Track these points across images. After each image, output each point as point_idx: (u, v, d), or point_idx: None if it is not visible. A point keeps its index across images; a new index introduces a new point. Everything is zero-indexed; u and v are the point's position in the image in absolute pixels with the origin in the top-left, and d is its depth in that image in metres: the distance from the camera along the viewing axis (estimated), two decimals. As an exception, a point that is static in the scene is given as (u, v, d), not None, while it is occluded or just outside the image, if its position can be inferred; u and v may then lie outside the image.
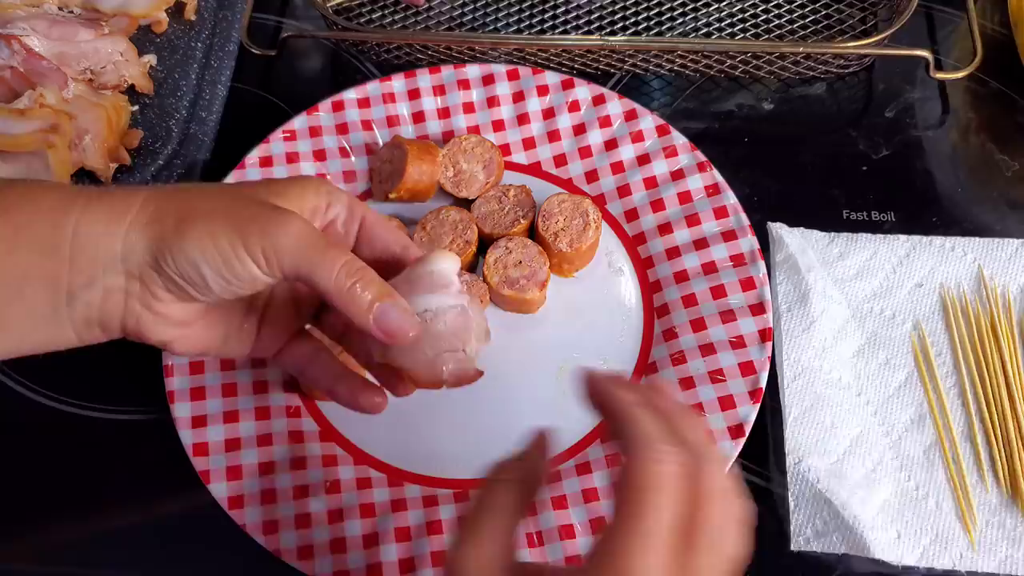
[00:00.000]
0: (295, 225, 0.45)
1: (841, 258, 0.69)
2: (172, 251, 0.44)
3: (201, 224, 0.44)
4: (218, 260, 0.44)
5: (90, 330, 0.47)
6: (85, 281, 0.46)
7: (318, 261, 0.45)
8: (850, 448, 0.62)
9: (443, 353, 0.50)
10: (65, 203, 0.45)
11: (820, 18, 0.81)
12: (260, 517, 0.60)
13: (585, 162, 0.73)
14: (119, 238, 0.45)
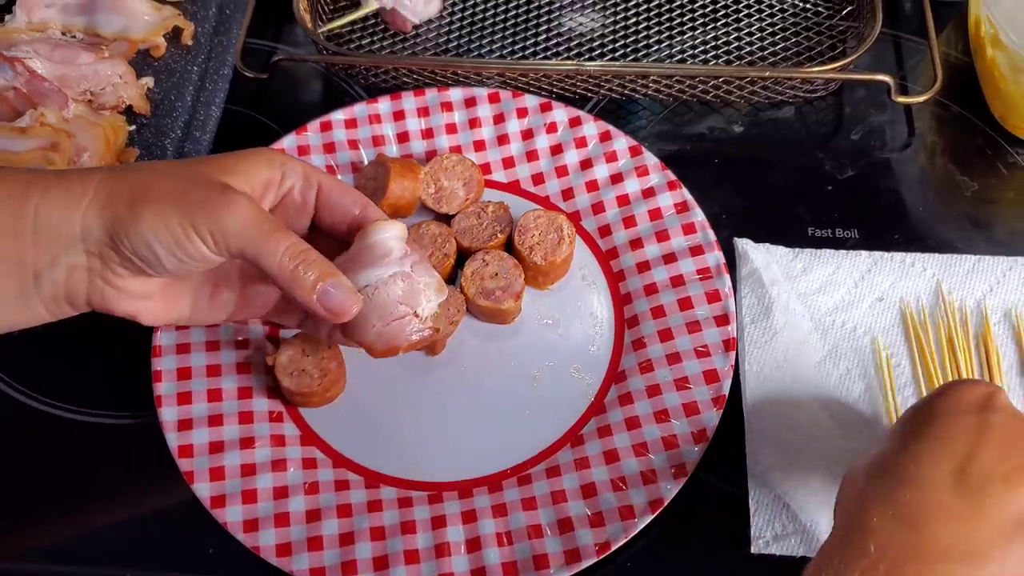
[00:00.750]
0: (241, 209, 0.48)
1: (804, 273, 0.72)
2: (127, 232, 0.47)
3: (153, 207, 0.47)
4: (170, 241, 0.47)
5: (59, 306, 0.50)
6: (49, 261, 0.48)
7: (262, 244, 0.48)
8: (810, 455, 0.64)
9: (392, 322, 0.52)
10: (24, 189, 0.48)
11: (791, 45, 0.84)
12: (241, 516, 0.62)
13: (561, 180, 0.76)
14: (77, 220, 0.48)
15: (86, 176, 0.49)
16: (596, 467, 0.64)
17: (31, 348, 0.73)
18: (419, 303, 0.53)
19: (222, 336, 0.69)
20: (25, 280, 0.48)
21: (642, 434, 0.64)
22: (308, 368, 0.66)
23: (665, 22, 0.87)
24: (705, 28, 0.86)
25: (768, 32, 0.85)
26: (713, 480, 0.65)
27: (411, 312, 0.53)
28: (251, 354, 0.69)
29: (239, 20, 0.87)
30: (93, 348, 0.73)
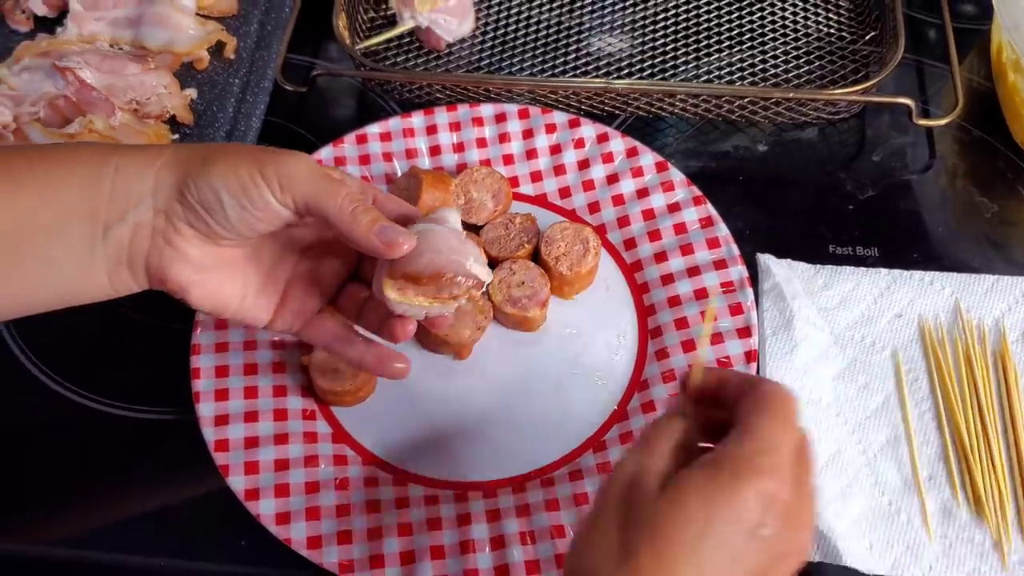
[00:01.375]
0: (308, 161, 0.51)
1: (825, 288, 0.73)
2: (196, 180, 0.50)
3: (224, 159, 0.50)
4: (236, 186, 0.49)
5: (119, 271, 0.52)
6: (119, 216, 0.51)
7: (325, 189, 0.50)
8: (827, 464, 0.66)
9: (443, 257, 0.53)
10: (107, 151, 0.52)
11: (815, 68, 0.86)
12: (273, 509, 0.64)
13: (588, 194, 0.79)
14: (151, 175, 0.51)
15: (163, 145, 0.54)
16: (618, 471, 0.65)
17: (74, 344, 0.76)
18: (469, 258, 0.54)
19: (259, 336, 0.72)
20: (95, 235, 0.50)
21: (663, 440, 0.66)
22: (341, 367, 0.69)
23: (692, 44, 0.89)
24: (731, 50, 0.88)
25: (793, 55, 0.87)
26: (732, 487, 0.67)
27: (462, 259, 0.54)
28: (286, 354, 0.72)
29: (279, 36, 0.90)
30: (133, 345, 0.75)
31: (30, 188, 0.50)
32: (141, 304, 0.75)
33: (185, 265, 0.53)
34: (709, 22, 0.91)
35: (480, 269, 0.55)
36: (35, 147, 0.55)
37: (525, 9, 0.93)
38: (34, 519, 0.68)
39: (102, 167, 0.51)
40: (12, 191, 0.50)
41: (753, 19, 0.91)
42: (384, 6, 0.93)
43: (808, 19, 0.90)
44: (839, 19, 0.90)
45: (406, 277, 0.53)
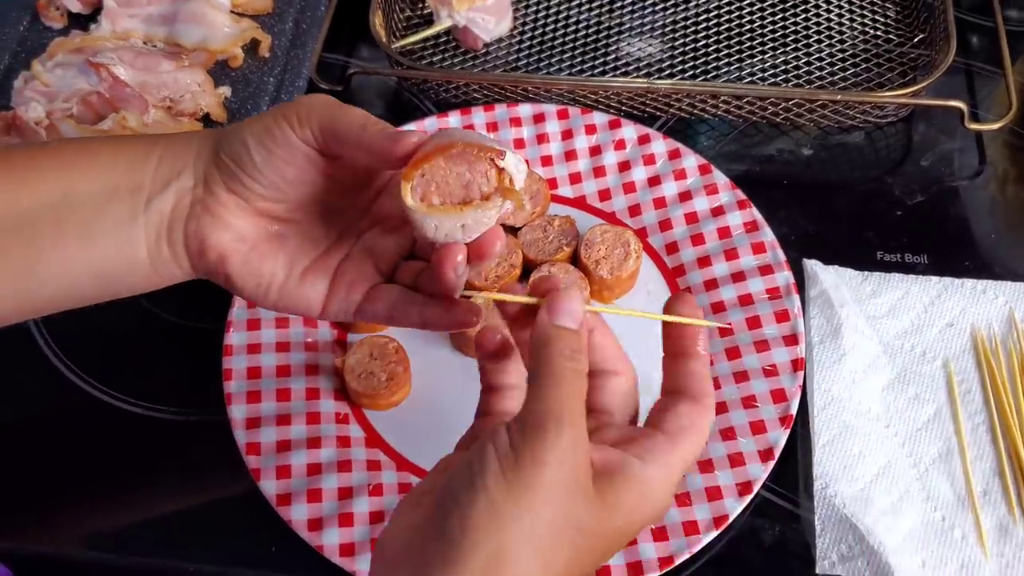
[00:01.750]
0: (326, 96, 0.50)
1: (874, 296, 0.71)
2: (228, 136, 0.50)
3: (258, 116, 0.50)
4: (260, 129, 0.49)
5: (159, 247, 0.50)
6: (161, 187, 0.50)
7: (339, 112, 0.49)
8: (877, 477, 0.64)
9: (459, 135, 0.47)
10: (155, 137, 0.53)
11: (861, 72, 0.84)
12: (305, 515, 0.63)
13: (628, 197, 0.77)
14: (195, 145, 0.51)
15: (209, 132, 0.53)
16: (660, 481, 0.63)
17: (104, 343, 0.75)
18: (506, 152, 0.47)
19: (292, 338, 0.70)
20: (137, 206, 0.50)
21: (707, 451, 0.64)
22: (376, 371, 0.67)
23: (735, 45, 0.87)
24: (774, 52, 0.86)
25: (838, 58, 0.85)
26: (778, 499, 0.65)
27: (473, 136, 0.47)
28: (319, 356, 0.70)
29: (314, 35, 0.88)
30: (163, 345, 0.74)
31: (79, 166, 0.51)
32: (171, 303, 0.75)
33: (224, 232, 0.50)
34: (752, 23, 0.89)
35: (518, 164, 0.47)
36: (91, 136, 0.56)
37: (564, 9, 0.92)
38: (63, 521, 0.66)
39: (153, 145, 0.52)
40: (61, 169, 0.50)
41: (796, 21, 0.89)
42: (420, 5, 0.92)
43: (853, 21, 0.88)
44: (885, 21, 0.88)
45: (416, 164, 0.46)
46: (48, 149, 0.53)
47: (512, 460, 0.40)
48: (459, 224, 0.47)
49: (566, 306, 0.44)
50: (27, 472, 0.69)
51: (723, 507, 0.62)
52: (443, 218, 0.46)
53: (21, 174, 0.50)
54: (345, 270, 0.54)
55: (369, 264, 0.54)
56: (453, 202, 0.46)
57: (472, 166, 0.46)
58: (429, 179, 0.46)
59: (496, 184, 0.46)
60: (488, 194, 0.46)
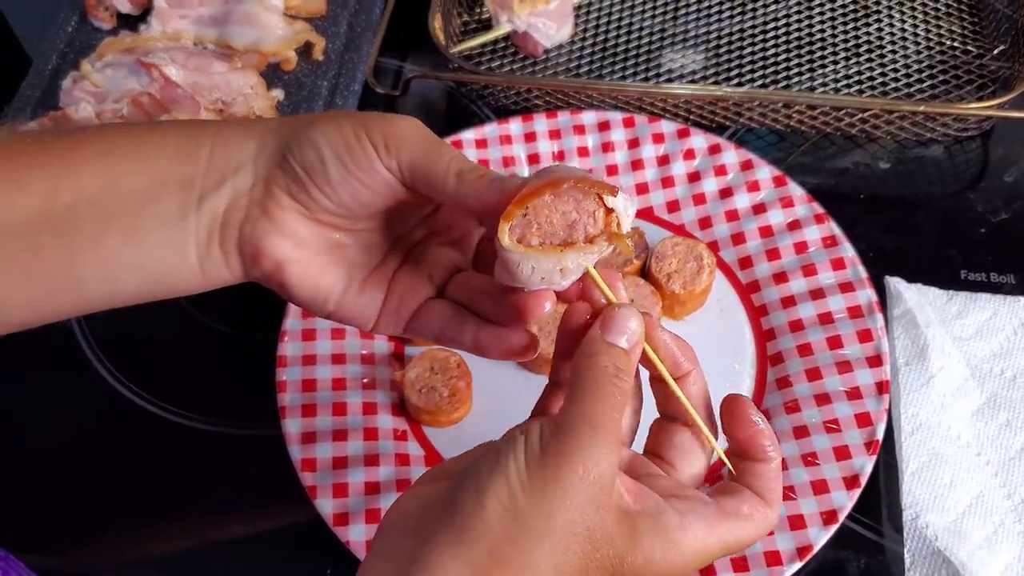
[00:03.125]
0: (416, 123, 0.45)
1: (959, 316, 0.68)
2: (299, 140, 0.45)
3: (331, 120, 0.45)
4: (340, 142, 0.44)
5: (210, 250, 0.46)
6: (216, 184, 0.46)
7: (434, 151, 0.44)
8: (969, 508, 0.60)
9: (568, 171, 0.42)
10: (207, 122, 0.48)
11: (938, 83, 0.81)
12: (364, 536, 0.59)
13: (699, 208, 0.73)
14: (254, 140, 0.46)
15: (266, 120, 0.49)
16: (739, 508, 0.60)
17: (154, 355, 0.72)
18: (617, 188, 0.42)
19: (347, 350, 0.68)
20: (188, 203, 0.46)
21: (789, 477, 0.61)
22: (437, 385, 0.64)
23: (805, 55, 0.84)
24: (847, 62, 0.83)
25: (915, 68, 0.82)
26: (862, 529, 0.61)
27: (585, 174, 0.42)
28: (376, 370, 0.67)
29: (368, 38, 0.86)
30: (214, 357, 0.72)
31: (122, 155, 0.46)
32: (223, 313, 0.73)
33: (283, 238, 0.46)
34: (823, 32, 0.86)
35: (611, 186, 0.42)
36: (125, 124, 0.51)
37: (626, 15, 0.89)
38: (112, 538, 0.64)
39: (200, 134, 0.47)
40: (101, 157, 0.46)
41: (870, 30, 0.85)
42: (478, 10, 0.89)
43: (929, 31, 0.85)
44: (963, 32, 0.84)
45: (520, 202, 0.41)
46: (86, 135, 0.47)
47: (539, 455, 0.38)
48: (558, 267, 0.42)
49: (621, 324, 0.42)
50: (74, 487, 0.66)
51: (806, 537, 0.58)
52: (542, 259, 0.41)
53: (57, 165, 0.45)
54: (399, 281, 0.50)
55: (423, 276, 0.51)
56: (554, 243, 0.42)
57: (580, 204, 0.41)
58: (531, 219, 0.41)
59: (603, 226, 0.42)
60: (592, 236, 0.42)
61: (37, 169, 0.45)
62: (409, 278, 0.51)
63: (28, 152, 0.45)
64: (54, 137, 0.47)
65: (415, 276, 0.51)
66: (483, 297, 0.49)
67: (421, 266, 0.51)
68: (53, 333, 0.72)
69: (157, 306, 0.76)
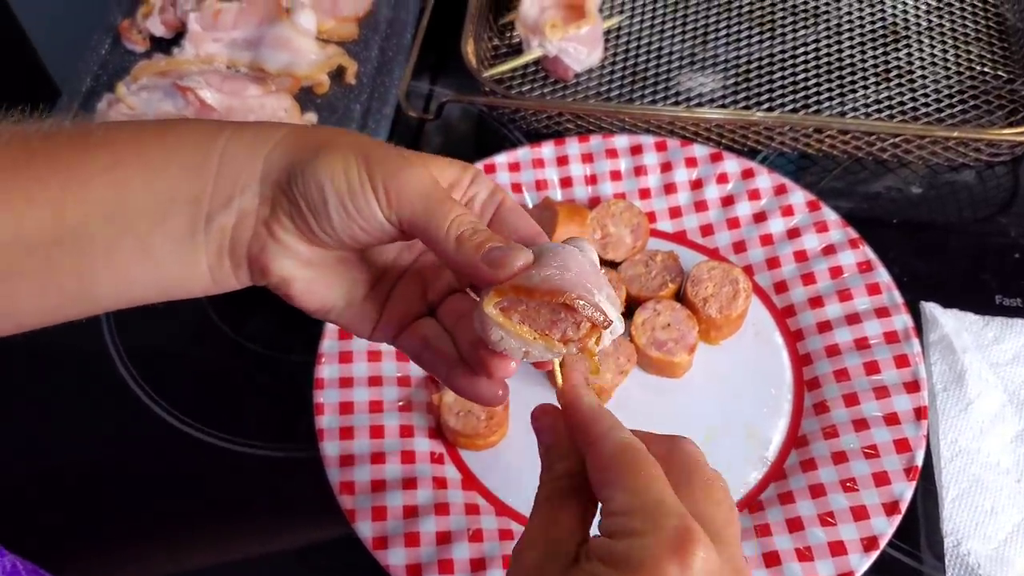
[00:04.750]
0: (423, 175, 0.45)
1: (996, 342, 0.67)
2: (304, 170, 0.45)
3: (338, 153, 0.45)
4: (343, 188, 0.44)
5: (220, 261, 0.47)
6: (223, 202, 0.46)
7: (436, 211, 0.44)
8: (1012, 535, 0.60)
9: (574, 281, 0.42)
10: (215, 129, 0.47)
11: (968, 108, 0.81)
12: (404, 560, 0.59)
13: (732, 232, 0.74)
14: (261, 159, 0.46)
15: (276, 124, 0.48)
16: (778, 535, 0.60)
17: (189, 374, 0.73)
18: (602, 292, 0.42)
19: (384, 372, 0.68)
20: (197, 222, 0.46)
21: (828, 503, 0.60)
22: (474, 409, 0.64)
23: (835, 80, 0.84)
24: (877, 87, 0.83)
25: (944, 94, 0.82)
26: (901, 555, 0.61)
27: (592, 288, 0.42)
28: (412, 392, 0.67)
29: (400, 62, 0.87)
30: (250, 377, 0.72)
31: (130, 168, 0.46)
32: (260, 334, 0.73)
33: (288, 260, 0.47)
34: (852, 57, 0.86)
35: (610, 310, 0.42)
36: (139, 124, 0.50)
37: (656, 40, 0.89)
38: (146, 557, 0.64)
39: (209, 147, 0.46)
40: (111, 171, 0.45)
41: (899, 55, 0.86)
42: (509, 34, 0.90)
43: (959, 56, 0.85)
44: (993, 57, 0.85)
45: (516, 291, 0.42)
46: (94, 141, 0.47)
47: None
48: (523, 348, 0.42)
49: None
50: (110, 505, 0.66)
51: (847, 563, 0.58)
52: (513, 336, 0.42)
53: (65, 175, 0.45)
54: (396, 295, 0.51)
55: (418, 290, 0.51)
56: (532, 327, 0.42)
57: (574, 313, 0.41)
58: (522, 301, 0.42)
59: (583, 335, 0.42)
60: (568, 339, 0.42)
61: (46, 181, 0.45)
62: (405, 293, 0.51)
63: (35, 162, 0.45)
64: (66, 140, 0.46)
65: (411, 291, 0.51)
66: (466, 326, 0.48)
67: (418, 282, 0.51)
68: (90, 354, 0.73)
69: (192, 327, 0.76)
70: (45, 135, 0.46)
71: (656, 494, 0.37)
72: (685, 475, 0.40)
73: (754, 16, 0.90)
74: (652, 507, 0.37)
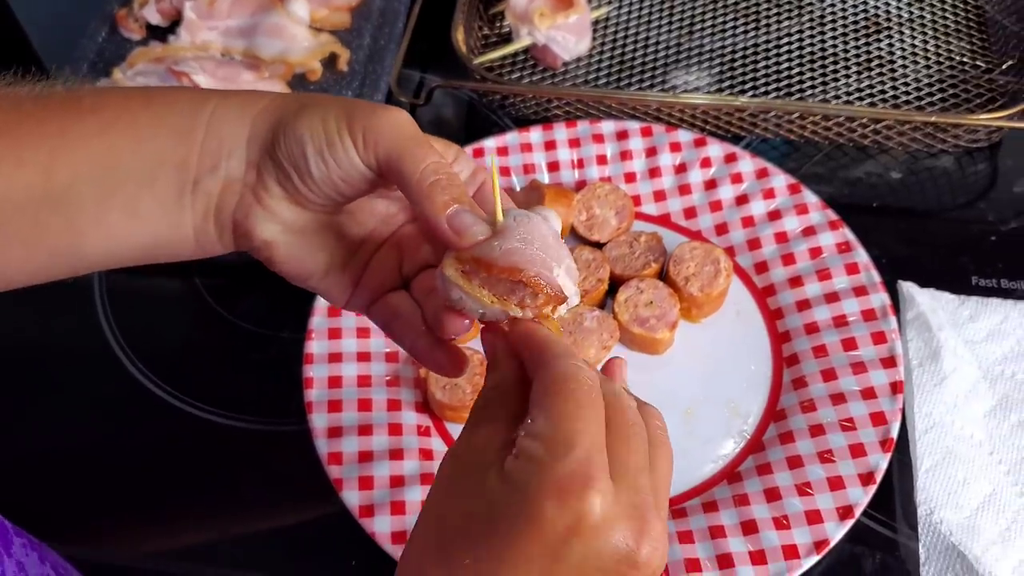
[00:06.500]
0: (399, 116, 0.45)
1: (971, 320, 0.69)
2: (286, 130, 0.45)
3: (319, 109, 0.45)
4: (322, 138, 0.45)
5: (206, 224, 0.48)
6: (210, 167, 0.46)
7: (410, 149, 0.44)
8: (983, 505, 0.61)
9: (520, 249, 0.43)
10: (203, 96, 0.47)
11: (948, 97, 0.83)
12: (389, 527, 0.61)
13: (715, 215, 0.75)
14: (248, 122, 0.46)
15: (264, 92, 0.48)
16: (756, 504, 0.61)
17: (181, 352, 0.74)
18: (561, 266, 0.43)
19: (372, 348, 0.69)
20: (184, 186, 0.47)
21: (805, 473, 0.62)
22: (460, 382, 0.66)
23: (818, 68, 0.86)
24: (859, 76, 0.85)
25: (925, 83, 0.84)
26: (876, 525, 0.62)
27: (551, 263, 0.43)
28: (399, 368, 0.69)
29: (392, 50, 0.88)
30: (241, 354, 0.73)
31: (120, 132, 0.46)
32: (249, 312, 0.74)
33: (272, 224, 0.48)
34: (835, 47, 0.88)
35: (568, 284, 0.44)
36: (129, 90, 0.50)
37: (643, 30, 0.91)
38: (137, 529, 0.65)
39: (197, 112, 0.47)
40: (101, 135, 0.46)
41: (881, 46, 0.87)
42: (499, 24, 0.92)
43: (939, 47, 0.87)
44: (972, 48, 0.87)
45: (477, 262, 0.43)
46: (85, 105, 0.47)
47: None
48: (480, 310, 0.44)
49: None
50: (103, 480, 0.68)
51: (823, 531, 0.59)
52: (472, 298, 0.43)
53: (56, 139, 0.45)
54: (373, 266, 0.52)
55: (395, 263, 0.52)
56: (491, 292, 0.43)
57: (528, 285, 0.43)
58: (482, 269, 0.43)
59: (539, 304, 0.43)
60: (525, 305, 0.43)
61: (35, 145, 0.45)
62: (382, 264, 0.52)
63: (26, 124, 0.45)
64: (57, 104, 0.46)
65: (387, 263, 0.52)
66: (435, 299, 0.49)
67: (395, 255, 0.52)
68: (83, 331, 0.75)
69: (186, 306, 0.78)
70: (36, 98, 0.46)
71: (570, 429, 0.37)
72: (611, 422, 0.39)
73: (739, 7, 0.92)
74: (560, 439, 0.36)
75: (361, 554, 0.62)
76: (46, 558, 0.55)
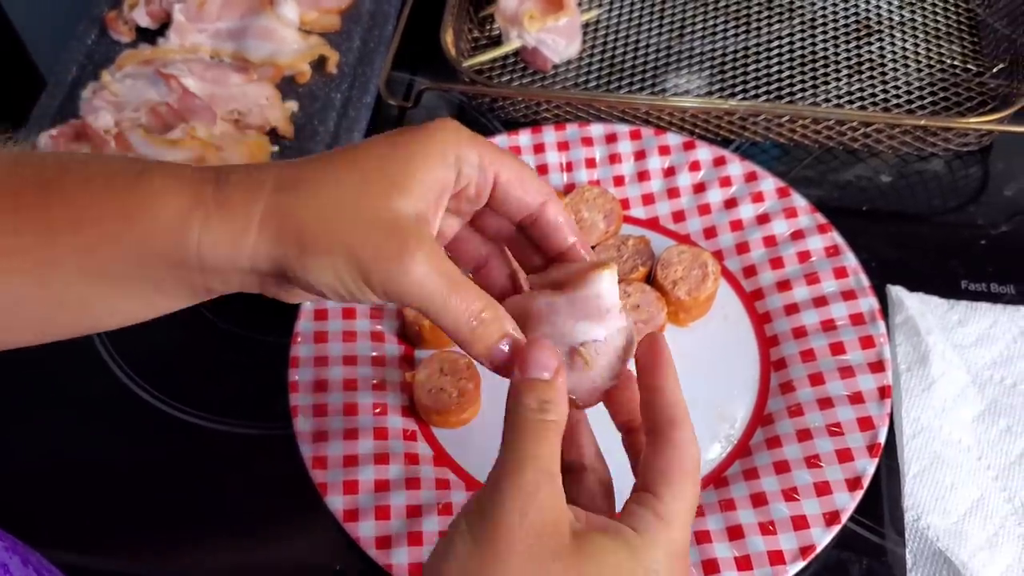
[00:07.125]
0: (418, 267, 0.43)
1: (960, 325, 0.69)
2: (297, 275, 0.44)
3: (324, 259, 0.43)
4: (339, 288, 0.44)
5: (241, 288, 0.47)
6: (221, 280, 0.45)
7: (440, 304, 0.44)
8: (971, 510, 0.61)
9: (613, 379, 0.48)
10: (183, 219, 0.43)
11: (938, 100, 0.83)
12: (374, 532, 0.60)
13: (704, 219, 0.75)
14: (245, 255, 0.44)
15: (248, 203, 0.44)
16: (743, 509, 0.61)
17: (167, 356, 0.73)
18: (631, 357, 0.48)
19: (358, 352, 0.69)
20: (196, 292, 0.46)
21: (792, 479, 0.62)
22: (446, 387, 0.65)
23: (808, 72, 0.86)
24: (850, 79, 0.85)
25: (916, 87, 0.84)
26: (863, 531, 0.62)
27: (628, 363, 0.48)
28: (385, 372, 0.69)
29: (382, 53, 0.88)
30: (226, 358, 0.73)
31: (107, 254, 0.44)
32: (234, 316, 0.74)
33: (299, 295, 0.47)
34: (825, 50, 0.87)
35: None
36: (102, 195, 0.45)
37: (633, 33, 0.91)
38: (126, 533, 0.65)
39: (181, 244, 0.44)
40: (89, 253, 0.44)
41: (872, 49, 0.87)
42: (488, 27, 0.91)
43: (930, 51, 0.87)
44: (963, 51, 0.86)
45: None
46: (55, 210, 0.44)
47: (478, 515, 0.39)
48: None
49: (535, 358, 0.43)
50: (87, 483, 0.67)
51: (809, 537, 0.59)
52: None
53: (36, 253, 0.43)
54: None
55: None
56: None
57: None
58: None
59: None
60: None
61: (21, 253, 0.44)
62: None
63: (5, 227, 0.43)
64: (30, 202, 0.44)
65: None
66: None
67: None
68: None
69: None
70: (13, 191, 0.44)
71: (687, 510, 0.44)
72: None
73: (730, 10, 0.91)
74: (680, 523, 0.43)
75: (347, 559, 0.62)
76: (28, 560, 0.54)
